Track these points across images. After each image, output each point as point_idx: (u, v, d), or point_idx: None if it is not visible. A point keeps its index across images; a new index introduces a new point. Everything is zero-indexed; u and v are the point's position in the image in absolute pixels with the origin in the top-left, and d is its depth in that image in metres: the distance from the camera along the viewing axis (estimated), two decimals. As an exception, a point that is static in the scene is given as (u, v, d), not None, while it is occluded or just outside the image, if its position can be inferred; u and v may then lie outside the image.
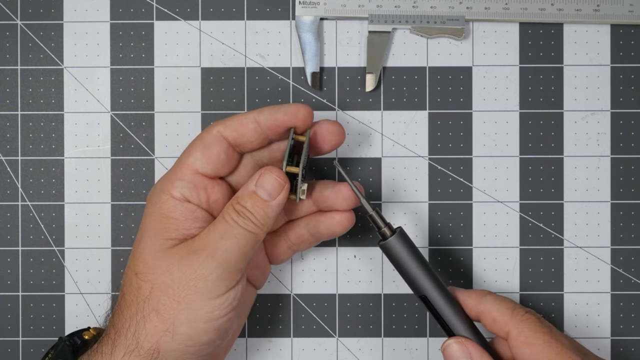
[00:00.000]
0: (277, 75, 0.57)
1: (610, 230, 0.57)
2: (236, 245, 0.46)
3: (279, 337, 0.57)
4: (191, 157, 0.48)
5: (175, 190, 0.47)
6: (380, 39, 0.56)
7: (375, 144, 0.57)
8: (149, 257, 0.47)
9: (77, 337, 0.52)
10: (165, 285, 0.46)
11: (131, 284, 0.47)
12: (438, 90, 0.57)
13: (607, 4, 0.56)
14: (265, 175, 0.47)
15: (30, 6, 0.57)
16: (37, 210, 0.57)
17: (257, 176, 0.48)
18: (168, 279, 0.46)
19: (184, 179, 0.48)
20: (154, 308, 0.46)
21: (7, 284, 0.57)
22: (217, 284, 0.46)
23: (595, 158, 0.57)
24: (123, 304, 0.47)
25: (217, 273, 0.45)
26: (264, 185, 0.47)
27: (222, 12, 0.57)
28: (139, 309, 0.46)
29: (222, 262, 0.46)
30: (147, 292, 0.46)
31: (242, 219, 0.47)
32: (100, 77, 0.57)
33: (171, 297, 0.45)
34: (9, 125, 0.57)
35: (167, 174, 0.49)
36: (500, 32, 0.57)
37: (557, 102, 0.57)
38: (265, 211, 0.47)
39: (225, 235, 0.46)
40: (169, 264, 0.46)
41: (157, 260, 0.46)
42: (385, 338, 0.57)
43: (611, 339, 0.57)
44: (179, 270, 0.46)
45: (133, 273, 0.47)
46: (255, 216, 0.47)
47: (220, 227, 0.47)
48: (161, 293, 0.46)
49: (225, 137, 0.48)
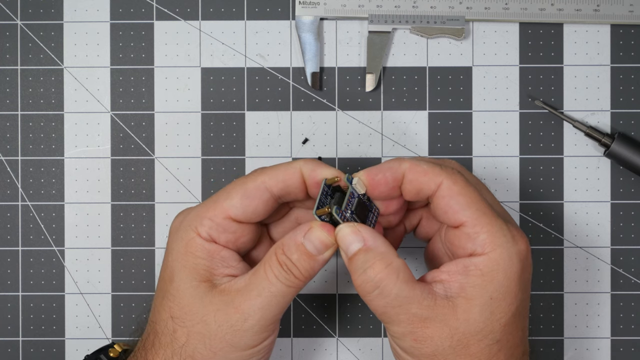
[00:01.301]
0: (277, 75, 0.57)
1: (610, 230, 0.57)
2: (274, 302, 0.45)
3: (279, 337, 0.57)
4: (228, 201, 0.46)
5: (203, 230, 0.46)
6: (380, 39, 0.56)
7: (375, 144, 0.57)
8: (185, 302, 0.46)
9: (103, 354, 0.52)
10: (202, 335, 0.45)
11: (167, 326, 0.46)
12: (438, 90, 0.57)
13: (607, 4, 0.56)
14: (315, 229, 0.45)
15: (30, 6, 0.57)
16: (37, 210, 0.57)
17: (306, 228, 0.45)
18: (204, 329, 0.45)
19: (214, 220, 0.46)
20: (190, 355, 0.45)
21: (7, 284, 0.57)
22: (253, 338, 0.45)
23: (595, 158, 0.57)
24: (158, 344, 0.46)
25: (253, 330, 0.45)
26: (312, 239, 0.45)
27: (222, 12, 0.57)
28: (175, 353, 0.46)
29: (259, 319, 0.45)
30: (183, 339, 0.45)
31: (284, 273, 0.45)
32: (100, 77, 0.57)
33: (207, 348, 0.45)
34: (9, 125, 0.57)
35: (198, 208, 0.47)
36: (500, 32, 0.57)
37: (557, 102, 0.57)
38: (311, 265, 0.45)
39: (263, 292, 0.45)
40: (205, 314, 0.45)
41: (193, 307, 0.45)
42: (385, 338, 0.57)
43: (611, 339, 0.57)
44: (215, 322, 0.45)
45: (169, 316, 0.46)
46: (300, 270, 0.45)
47: (259, 282, 0.45)
48: (197, 342, 0.45)
49: (269, 189, 0.46)
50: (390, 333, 0.45)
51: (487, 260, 0.44)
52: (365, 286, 0.44)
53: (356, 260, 0.44)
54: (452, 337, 0.44)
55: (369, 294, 0.44)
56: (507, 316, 0.44)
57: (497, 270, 0.44)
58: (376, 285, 0.44)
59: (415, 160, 0.46)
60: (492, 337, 0.44)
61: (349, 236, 0.45)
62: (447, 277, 0.45)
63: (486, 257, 0.44)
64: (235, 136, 0.57)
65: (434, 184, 0.45)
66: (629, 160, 0.55)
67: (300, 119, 0.57)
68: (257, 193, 0.46)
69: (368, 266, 0.44)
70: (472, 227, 0.44)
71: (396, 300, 0.44)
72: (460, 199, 0.45)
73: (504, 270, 0.44)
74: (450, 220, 0.45)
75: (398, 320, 0.44)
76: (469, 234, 0.44)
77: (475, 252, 0.44)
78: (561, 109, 0.57)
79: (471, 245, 0.44)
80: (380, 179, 0.45)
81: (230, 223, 0.46)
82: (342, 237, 0.45)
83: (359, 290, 0.45)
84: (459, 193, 0.45)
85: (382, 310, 0.44)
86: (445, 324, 0.44)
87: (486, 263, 0.44)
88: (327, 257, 0.45)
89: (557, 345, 0.57)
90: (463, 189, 0.45)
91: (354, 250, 0.44)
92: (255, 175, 0.46)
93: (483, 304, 0.44)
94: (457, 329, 0.43)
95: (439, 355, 0.44)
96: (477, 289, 0.44)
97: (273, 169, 0.46)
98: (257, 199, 0.46)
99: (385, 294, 0.44)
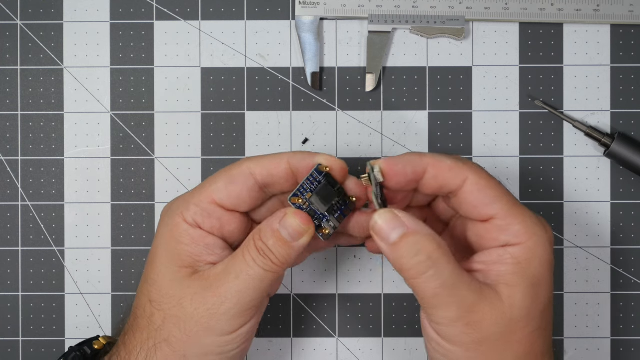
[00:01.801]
0: (277, 75, 0.57)
1: (610, 230, 0.57)
2: (252, 286, 0.45)
3: (279, 337, 0.57)
4: (213, 186, 0.46)
5: (188, 215, 0.46)
6: (380, 39, 0.56)
7: (375, 144, 0.57)
8: (163, 285, 0.46)
9: (87, 346, 0.52)
10: (178, 319, 0.45)
11: (144, 310, 0.47)
12: (438, 90, 0.57)
13: (607, 4, 0.56)
14: (289, 216, 0.45)
15: (30, 6, 0.57)
16: (37, 210, 0.57)
17: (281, 215, 0.46)
18: (180, 312, 0.45)
19: (199, 206, 0.46)
20: (165, 338, 0.45)
21: (7, 284, 0.57)
22: (230, 322, 0.45)
23: (595, 158, 0.57)
24: (135, 326, 0.47)
25: (230, 313, 0.45)
26: (287, 226, 0.45)
27: (222, 12, 0.57)
28: (150, 336, 0.46)
29: (236, 303, 0.45)
30: (159, 322, 0.46)
31: (261, 258, 0.45)
32: (100, 77, 0.57)
33: (182, 331, 0.45)
34: (9, 125, 0.57)
35: (186, 194, 0.48)
36: (500, 32, 0.57)
37: (557, 102, 0.57)
38: (287, 252, 0.45)
39: (241, 275, 0.45)
40: (182, 297, 0.45)
41: (170, 291, 0.46)
42: (385, 338, 0.57)
43: (611, 339, 0.57)
44: (192, 305, 0.45)
45: (147, 299, 0.47)
46: (276, 256, 0.45)
47: (237, 265, 0.45)
48: (173, 325, 0.45)
49: (254, 175, 0.46)
50: (436, 321, 0.45)
51: (524, 249, 0.45)
52: (420, 267, 0.44)
53: (404, 244, 0.44)
54: (500, 323, 0.44)
55: (423, 274, 0.43)
56: (544, 303, 0.45)
57: (533, 258, 0.45)
58: (431, 266, 0.43)
59: (437, 156, 0.46)
60: (534, 324, 0.45)
61: (391, 222, 0.44)
62: (483, 267, 0.45)
63: (523, 246, 0.45)
64: (235, 136, 0.57)
65: (460, 179, 0.45)
66: (629, 160, 0.55)
67: (300, 119, 0.57)
68: (241, 179, 0.46)
69: (420, 247, 0.43)
70: (504, 219, 0.45)
71: (450, 280, 0.43)
72: (489, 192, 0.45)
73: (539, 257, 0.45)
74: (481, 214, 0.46)
75: (448, 303, 0.44)
76: (501, 225, 0.45)
77: (509, 242, 0.45)
78: (561, 109, 0.57)
79: (505, 236, 0.45)
80: (399, 170, 0.46)
81: (216, 208, 0.46)
82: (383, 224, 0.44)
83: (409, 274, 0.44)
84: (486, 187, 0.45)
85: (435, 292, 0.44)
86: (493, 307, 0.44)
87: (523, 252, 0.45)
88: (303, 244, 0.46)
89: (557, 345, 0.57)
90: (489, 183, 0.45)
91: (398, 235, 0.44)
92: (241, 162, 0.47)
93: (525, 290, 0.44)
94: (504, 313, 0.44)
95: (486, 342, 0.44)
96: (517, 277, 0.44)
97: (260, 157, 0.47)
98: (241, 184, 0.46)
99: (439, 273, 0.43)
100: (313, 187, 0.46)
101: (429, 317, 0.45)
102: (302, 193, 0.46)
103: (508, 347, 0.44)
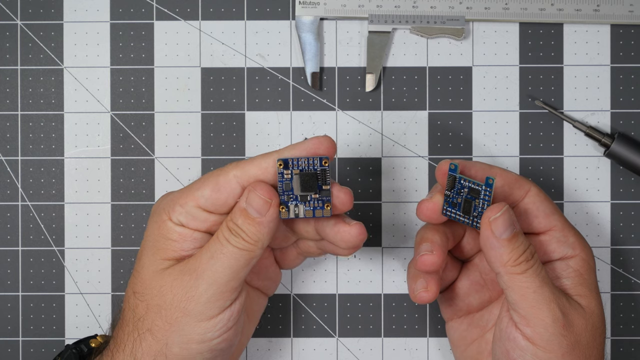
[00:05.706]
0: (277, 75, 0.57)
1: (610, 230, 0.57)
2: (227, 265, 0.45)
3: (279, 337, 0.57)
4: (199, 191, 0.46)
5: (174, 216, 0.47)
6: (380, 39, 0.56)
7: (375, 144, 0.57)
8: (146, 277, 0.47)
9: (84, 344, 0.52)
10: (159, 307, 0.46)
11: (129, 302, 0.47)
12: (438, 90, 0.57)
13: (607, 4, 0.56)
14: (251, 193, 0.45)
15: (30, 6, 0.57)
16: (37, 210, 0.57)
17: (246, 193, 0.46)
18: (161, 300, 0.46)
19: (184, 207, 0.46)
20: (148, 328, 0.46)
21: (7, 284, 0.57)
22: (208, 305, 0.45)
23: (595, 158, 0.57)
24: (122, 320, 0.48)
25: (207, 295, 0.45)
26: (251, 203, 0.45)
27: (222, 12, 0.57)
28: (135, 328, 0.46)
29: (212, 283, 0.45)
30: (142, 312, 0.46)
31: (233, 237, 0.45)
32: (100, 77, 0.57)
33: (163, 319, 0.45)
34: (9, 125, 0.57)
35: (175, 193, 0.48)
36: (500, 32, 0.57)
37: (557, 102, 0.57)
38: (256, 228, 0.45)
39: (215, 254, 0.45)
40: (162, 285, 0.46)
41: (152, 281, 0.46)
42: (385, 338, 0.57)
43: (611, 339, 0.57)
44: (171, 292, 0.45)
45: (132, 291, 0.47)
46: (247, 233, 0.45)
47: (212, 246, 0.46)
48: (154, 314, 0.46)
49: (241, 183, 0.46)
50: (534, 323, 0.46)
51: (581, 261, 0.48)
52: (528, 263, 0.46)
53: (516, 240, 0.46)
54: (588, 329, 0.46)
55: (530, 269, 0.45)
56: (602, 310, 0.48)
57: (588, 269, 0.48)
58: (536, 262, 0.46)
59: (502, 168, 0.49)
60: (604, 330, 0.48)
61: (509, 219, 0.46)
62: None
63: (579, 258, 0.48)
64: (235, 136, 0.57)
65: (524, 190, 0.48)
66: (629, 160, 0.55)
67: (300, 119, 0.57)
68: (227, 186, 0.46)
69: (527, 246, 0.46)
70: (561, 231, 0.48)
71: (548, 279, 0.46)
72: (548, 204, 0.48)
73: (592, 268, 0.48)
74: (541, 224, 0.48)
75: (549, 301, 0.45)
76: (559, 237, 0.48)
77: (566, 255, 0.48)
78: (561, 109, 0.57)
79: (562, 248, 0.48)
80: (472, 174, 0.48)
81: (201, 212, 0.47)
82: (501, 219, 0.46)
83: (518, 268, 0.46)
84: (546, 199, 0.48)
85: (537, 289, 0.45)
86: (579, 314, 0.46)
87: (581, 263, 0.48)
88: (271, 219, 0.46)
89: (557, 345, 0.57)
90: (547, 197, 0.48)
91: (512, 231, 0.46)
92: (229, 169, 0.47)
93: (597, 299, 0.48)
94: (588, 320, 0.46)
95: (578, 346, 0.46)
96: (584, 288, 0.47)
97: (247, 163, 0.46)
98: (226, 193, 0.46)
99: (543, 271, 0.46)
100: (305, 167, 0.46)
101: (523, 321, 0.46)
102: (293, 165, 0.46)
103: (593, 354, 0.47)
